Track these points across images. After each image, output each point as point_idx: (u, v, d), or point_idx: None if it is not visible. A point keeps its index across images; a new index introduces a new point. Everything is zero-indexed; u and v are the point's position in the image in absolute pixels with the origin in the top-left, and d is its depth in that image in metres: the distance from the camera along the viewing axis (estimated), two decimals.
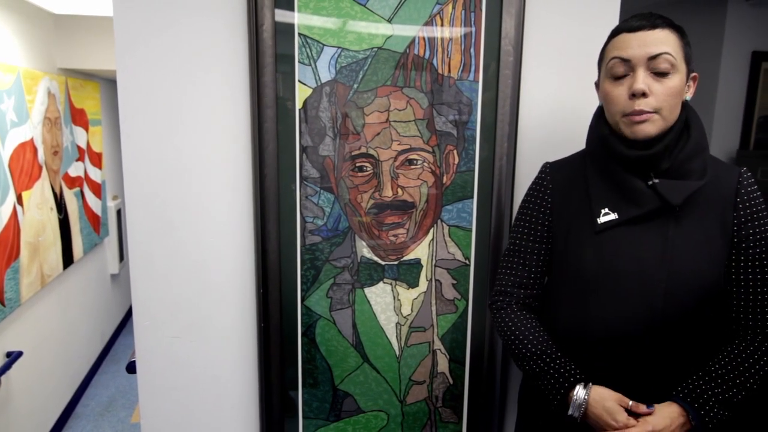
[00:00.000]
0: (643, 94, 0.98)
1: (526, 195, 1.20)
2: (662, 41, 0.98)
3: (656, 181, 1.02)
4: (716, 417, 0.98)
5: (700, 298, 1.01)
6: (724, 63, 2.60)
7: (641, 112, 0.99)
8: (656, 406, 1.01)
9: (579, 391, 1.03)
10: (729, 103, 2.65)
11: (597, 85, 1.11)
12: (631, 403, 1.01)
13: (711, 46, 2.62)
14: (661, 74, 0.99)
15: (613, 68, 1.02)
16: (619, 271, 1.04)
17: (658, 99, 0.99)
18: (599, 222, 1.06)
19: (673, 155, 1.02)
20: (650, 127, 1.00)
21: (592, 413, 1.02)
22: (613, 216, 1.06)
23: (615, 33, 1.04)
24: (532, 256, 1.17)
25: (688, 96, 1.04)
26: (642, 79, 0.98)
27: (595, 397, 1.02)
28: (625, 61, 1.00)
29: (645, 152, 1.01)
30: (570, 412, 1.04)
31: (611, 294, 1.04)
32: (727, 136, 2.68)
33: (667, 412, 1.00)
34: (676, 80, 0.99)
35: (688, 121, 1.05)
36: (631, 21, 1.01)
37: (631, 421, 0.99)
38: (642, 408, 1.00)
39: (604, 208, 1.07)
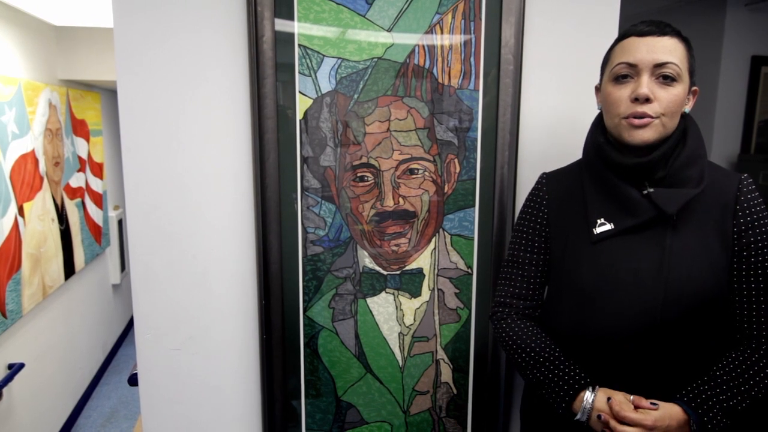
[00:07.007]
0: (647, 100, 0.98)
1: (523, 206, 1.20)
2: (670, 50, 0.98)
3: (651, 190, 1.01)
4: (719, 425, 0.97)
5: (699, 307, 1.00)
6: (724, 67, 2.61)
7: (643, 115, 0.98)
8: (659, 403, 0.99)
9: (587, 396, 1.01)
10: (729, 108, 2.65)
11: (597, 89, 1.11)
12: (632, 397, 0.99)
13: (710, 50, 2.63)
14: (665, 82, 0.99)
15: (617, 71, 1.02)
16: (616, 282, 1.03)
17: (662, 104, 0.99)
18: (595, 233, 1.06)
19: (668, 164, 1.02)
20: (650, 133, 0.99)
21: (600, 411, 0.99)
22: (609, 226, 1.05)
23: (623, 36, 1.03)
24: (530, 267, 1.16)
25: (687, 109, 1.04)
26: (646, 84, 0.98)
27: (602, 398, 1.00)
28: (631, 66, 1.00)
29: (641, 159, 1.01)
30: (578, 417, 1.01)
31: (609, 305, 1.03)
32: (728, 141, 2.67)
33: (668, 408, 0.98)
34: (679, 89, 0.99)
35: (685, 131, 1.04)
36: (640, 26, 1.00)
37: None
38: (645, 402, 0.98)
39: (600, 219, 1.06)
